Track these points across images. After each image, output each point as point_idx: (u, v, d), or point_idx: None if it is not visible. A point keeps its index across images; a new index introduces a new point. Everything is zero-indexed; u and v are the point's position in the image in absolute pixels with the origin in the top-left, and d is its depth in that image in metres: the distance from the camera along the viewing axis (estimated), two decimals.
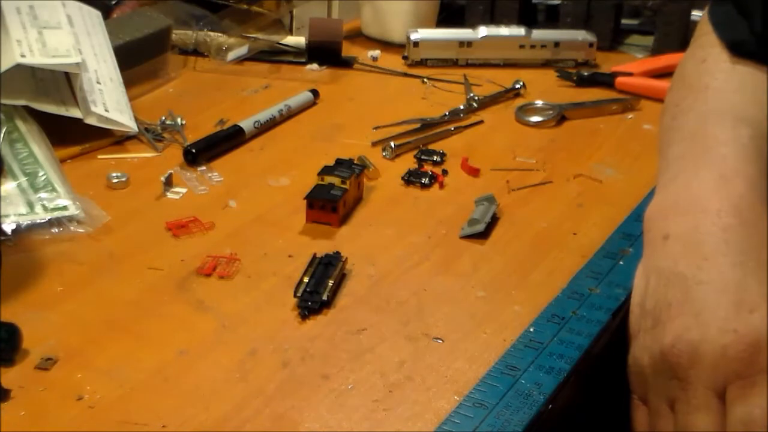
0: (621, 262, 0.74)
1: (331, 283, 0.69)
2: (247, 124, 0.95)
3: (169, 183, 0.84)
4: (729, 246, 0.59)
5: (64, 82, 0.90)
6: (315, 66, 1.15)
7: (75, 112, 0.89)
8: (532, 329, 0.66)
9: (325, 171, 0.81)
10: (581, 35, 1.18)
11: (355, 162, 0.85)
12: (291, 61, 1.16)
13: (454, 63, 1.17)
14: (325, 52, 1.15)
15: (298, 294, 0.68)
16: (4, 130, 0.83)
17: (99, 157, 0.89)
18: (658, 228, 0.64)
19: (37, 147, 0.83)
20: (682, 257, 0.60)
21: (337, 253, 0.72)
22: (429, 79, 1.13)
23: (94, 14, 0.97)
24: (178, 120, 0.96)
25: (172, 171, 0.85)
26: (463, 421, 0.57)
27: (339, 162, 0.83)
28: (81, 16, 0.94)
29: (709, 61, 0.74)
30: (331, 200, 0.78)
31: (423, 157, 0.91)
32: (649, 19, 1.27)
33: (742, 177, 0.63)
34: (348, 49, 1.19)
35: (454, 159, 0.91)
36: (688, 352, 0.57)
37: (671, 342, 0.58)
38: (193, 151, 0.89)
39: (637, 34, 1.28)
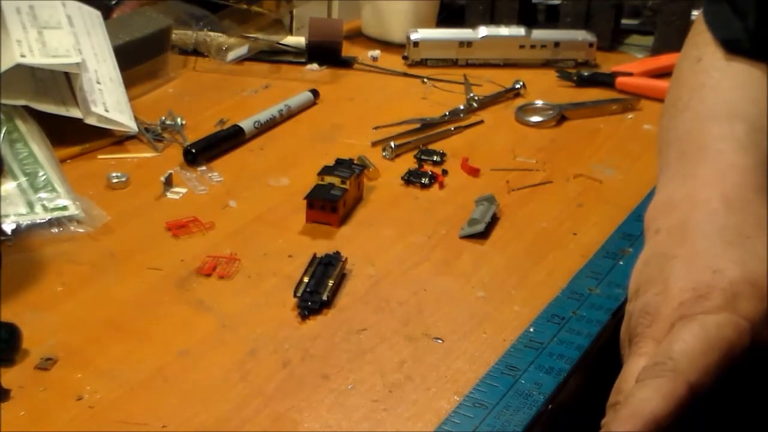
0: (621, 262, 0.74)
1: (331, 283, 0.69)
2: (247, 124, 0.95)
3: (169, 183, 0.84)
4: (710, 226, 0.59)
5: (64, 82, 0.90)
6: (315, 66, 1.15)
7: (75, 112, 0.89)
8: (532, 329, 0.66)
9: (325, 171, 0.81)
10: (581, 35, 1.18)
11: (355, 162, 0.85)
12: (291, 61, 1.16)
13: (454, 63, 1.17)
14: (325, 52, 1.15)
15: (298, 294, 0.68)
16: (4, 130, 0.83)
17: (99, 157, 0.89)
18: (654, 226, 0.64)
19: (37, 147, 0.83)
20: (666, 243, 0.60)
21: (337, 253, 0.72)
22: (429, 79, 1.13)
23: (94, 14, 0.97)
24: (178, 120, 0.96)
25: (172, 171, 0.85)
26: (463, 421, 0.57)
27: (339, 162, 0.83)
28: (81, 16, 0.94)
29: (704, 60, 0.74)
30: (331, 200, 0.78)
31: (423, 157, 0.91)
32: (649, 19, 1.27)
33: (737, 170, 0.63)
34: (348, 49, 1.19)
35: (454, 159, 0.91)
36: (652, 315, 0.55)
37: (638, 313, 0.57)
38: (193, 151, 0.89)
39: (637, 34, 1.28)
